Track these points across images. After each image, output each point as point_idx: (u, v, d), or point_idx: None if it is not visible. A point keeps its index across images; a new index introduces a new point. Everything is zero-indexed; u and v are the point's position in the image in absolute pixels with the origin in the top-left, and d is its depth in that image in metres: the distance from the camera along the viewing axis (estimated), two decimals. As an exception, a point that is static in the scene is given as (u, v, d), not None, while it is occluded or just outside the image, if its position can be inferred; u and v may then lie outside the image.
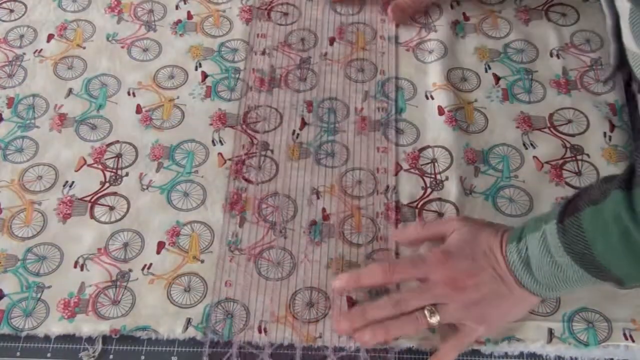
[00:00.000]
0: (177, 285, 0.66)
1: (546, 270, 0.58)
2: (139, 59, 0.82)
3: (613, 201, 0.54)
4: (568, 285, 0.59)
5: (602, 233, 0.55)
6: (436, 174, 0.73)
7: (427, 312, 0.60)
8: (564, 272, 0.58)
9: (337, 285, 0.64)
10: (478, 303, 0.60)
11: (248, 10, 0.86)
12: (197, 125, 0.77)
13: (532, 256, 0.59)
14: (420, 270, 0.62)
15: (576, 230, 0.56)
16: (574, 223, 0.56)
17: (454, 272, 0.61)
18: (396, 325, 0.61)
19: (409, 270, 0.63)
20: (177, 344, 0.63)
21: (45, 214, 0.70)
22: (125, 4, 0.87)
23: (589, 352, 0.62)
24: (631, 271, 0.56)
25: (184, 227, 0.69)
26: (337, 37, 0.84)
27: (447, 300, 0.61)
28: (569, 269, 0.57)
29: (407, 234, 0.68)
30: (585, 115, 0.76)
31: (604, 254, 0.55)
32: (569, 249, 0.56)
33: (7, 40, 0.84)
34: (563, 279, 0.58)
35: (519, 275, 0.60)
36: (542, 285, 0.59)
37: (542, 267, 0.58)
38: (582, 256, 0.56)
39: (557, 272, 0.58)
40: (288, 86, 0.80)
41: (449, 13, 0.85)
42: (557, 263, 0.57)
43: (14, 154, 0.75)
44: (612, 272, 0.56)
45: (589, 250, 0.55)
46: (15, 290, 0.66)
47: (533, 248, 0.59)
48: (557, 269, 0.58)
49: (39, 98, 0.79)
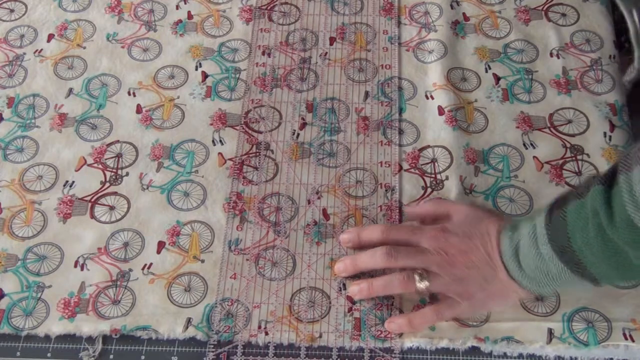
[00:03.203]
0: (177, 285, 0.66)
1: (531, 261, 0.59)
2: (139, 59, 0.82)
3: (593, 196, 0.54)
4: (550, 281, 0.59)
5: (581, 227, 0.55)
6: (436, 173, 0.73)
7: (418, 276, 0.62)
8: (546, 265, 0.58)
9: (344, 237, 0.67)
10: (465, 280, 0.62)
11: (248, 10, 0.86)
12: (197, 125, 0.77)
13: (522, 246, 0.60)
14: (416, 236, 0.64)
15: (561, 222, 0.57)
16: (560, 215, 0.57)
17: (447, 245, 0.62)
18: (382, 282, 0.63)
19: (406, 234, 0.65)
20: (177, 344, 0.63)
21: (45, 213, 0.70)
22: (125, 4, 0.87)
23: (589, 352, 0.62)
24: (606, 269, 0.56)
25: (184, 226, 0.69)
26: (338, 37, 0.84)
27: (436, 269, 0.62)
28: (551, 262, 0.58)
29: (419, 209, 0.70)
30: (585, 115, 0.76)
31: (582, 248, 0.56)
32: (552, 241, 0.57)
33: (7, 40, 0.84)
34: (545, 273, 0.59)
35: (508, 264, 0.60)
36: (527, 278, 0.60)
37: (528, 258, 0.59)
38: (562, 249, 0.57)
39: (540, 264, 0.58)
40: (288, 86, 0.80)
41: (449, 13, 0.85)
42: (541, 255, 0.58)
43: (14, 153, 0.75)
44: (588, 269, 0.57)
45: (569, 243, 0.56)
46: (15, 289, 0.66)
47: (524, 238, 0.59)
48: (541, 261, 0.58)
49: (39, 98, 0.79)
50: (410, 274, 0.62)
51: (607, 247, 0.54)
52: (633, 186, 0.51)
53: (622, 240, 0.53)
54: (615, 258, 0.55)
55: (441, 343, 0.62)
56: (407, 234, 0.65)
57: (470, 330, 0.63)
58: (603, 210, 0.53)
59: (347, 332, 0.63)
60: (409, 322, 0.63)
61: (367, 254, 0.64)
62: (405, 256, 0.63)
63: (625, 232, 0.52)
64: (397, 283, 0.63)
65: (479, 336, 0.62)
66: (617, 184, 0.52)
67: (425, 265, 0.62)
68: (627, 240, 0.52)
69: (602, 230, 0.54)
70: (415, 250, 0.63)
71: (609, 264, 0.55)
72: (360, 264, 0.65)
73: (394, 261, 0.63)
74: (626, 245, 0.53)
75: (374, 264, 0.64)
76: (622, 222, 0.52)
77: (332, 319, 0.64)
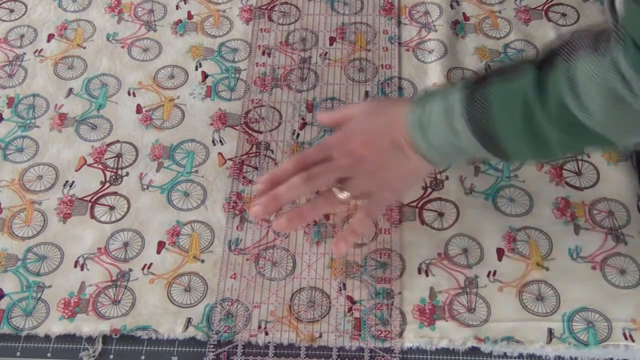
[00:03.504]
0: (177, 285, 0.66)
1: (441, 134, 0.60)
2: (139, 59, 0.82)
3: (524, 78, 0.55)
4: (460, 153, 0.62)
5: (506, 108, 0.56)
6: (436, 173, 0.73)
7: (336, 190, 0.63)
8: (459, 140, 0.59)
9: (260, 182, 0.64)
10: (377, 171, 0.64)
11: (248, 10, 0.86)
12: (197, 125, 0.77)
13: (431, 119, 0.61)
14: (324, 152, 0.65)
15: (482, 101, 0.58)
16: (481, 94, 0.58)
17: (350, 144, 0.64)
18: (309, 206, 0.64)
19: (315, 154, 0.65)
20: (177, 344, 0.63)
21: (45, 213, 0.70)
22: (125, 4, 0.87)
23: (589, 351, 0.62)
24: (524, 149, 0.58)
25: (184, 226, 0.69)
26: (338, 37, 0.84)
27: (350, 172, 0.64)
28: (464, 136, 0.59)
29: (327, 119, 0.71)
30: (585, 115, 0.76)
31: (503, 128, 0.57)
32: (470, 117, 0.58)
33: (7, 40, 0.84)
34: (457, 147, 0.60)
35: (415, 138, 0.62)
36: (434, 149, 0.62)
37: (437, 131, 0.60)
38: (480, 127, 0.58)
39: (453, 139, 0.60)
40: (288, 86, 0.80)
41: (449, 13, 0.85)
42: (455, 129, 0.59)
43: (14, 153, 0.75)
44: (505, 146, 0.58)
45: (489, 122, 0.57)
46: (15, 289, 0.66)
47: (435, 111, 0.60)
48: (454, 136, 0.59)
49: (39, 98, 0.79)
50: (330, 189, 0.64)
51: (530, 130, 0.55)
52: (576, 74, 0.52)
53: (552, 125, 0.54)
54: (537, 140, 0.56)
55: (441, 343, 0.62)
56: (316, 153, 0.65)
57: (470, 330, 0.63)
58: (534, 93, 0.54)
59: (347, 332, 0.63)
60: (353, 234, 0.65)
61: (285, 185, 0.62)
62: (321, 173, 0.63)
63: (558, 118, 0.54)
64: (321, 201, 0.64)
65: (479, 336, 0.62)
66: (555, 68, 0.53)
67: (339, 174, 0.64)
68: (557, 126, 0.54)
69: (530, 112, 0.55)
70: (327, 164, 0.64)
71: (528, 145, 0.57)
72: (282, 198, 0.62)
73: (314, 181, 0.63)
74: (554, 130, 0.54)
75: (296, 193, 0.63)
76: (556, 106, 0.53)
77: (332, 319, 0.64)
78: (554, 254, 0.67)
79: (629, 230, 0.68)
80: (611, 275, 0.66)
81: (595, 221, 0.69)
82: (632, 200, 0.70)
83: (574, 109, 0.53)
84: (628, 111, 0.51)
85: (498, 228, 0.69)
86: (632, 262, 0.66)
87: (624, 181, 0.72)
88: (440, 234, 0.69)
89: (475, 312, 0.64)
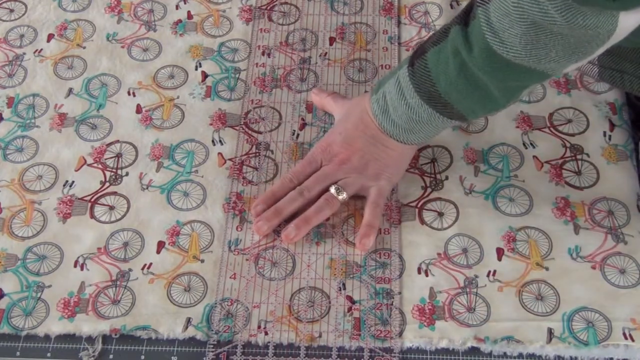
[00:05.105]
0: (177, 284, 0.66)
1: (401, 113, 0.65)
2: (139, 59, 0.82)
3: (452, 37, 0.59)
4: (423, 127, 0.65)
5: (443, 70, 0.60)
6: (436, 173, 0.73)
7: (335, 191, 0.68)
8: (416, 113, 0.64)
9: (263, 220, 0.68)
10: (365, 166, 0.68)
11: (248, 10, 0.86)
12: (197, 125, 0.77)
13: (390, 102, 0.66)
14: (313, 165, 0.70)
15: (423, 70, 0.62)
16: (421, 64, 0.62)
17: (333, 151, 0.69)
18: (313, 210, 0.67)
19: (306, 170, 0.70)
20: (177, 344, 0.63)
21: (45, 213, 0.70)
22: (125, 4, 0.87)
23: (588, 351, 0.62)
24: (471, 104, 0.62)
25: (184, 226, 0.69)
26: (338, 37, 0.84)
27: (342, 175, 0.68)
28: (420, 109, 0.64)
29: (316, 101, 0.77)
30: (585, 115, 0.76)
31: (447, 89, 0.61)
32: (418, 89, 0.63)
33: (7, 40, 0.84)
34: (417, 120, 0.65)
35: (381, 123, 0.66)
36: (403, 129, 0.66)
37: (399, 111, 0.65)
38: (429, 95, 0.63)
39: (411, 113, 0.64)
40: (288, 86, 0.80)
41: (449, 13, 0.85)
42: (410, 104, 0.63)
43: (14, 153, 0.75)
44: (455, 107, 0.62)
45: (435, 88, 0.61)
46: (15, 289, 0.66)
47: (390, 94, 0.65)
48: (411, 111, 0.63)
49: (39, 98, 0.79)
50: (329, 194, 0.68)
51: (469, 83, 0.59)
52: (490, 14, 0.55)
53: (483, 71, 0.58)
54: (478, 92, 0.60)
55: (441, 343, 0.62)
56: (306, 167, 0.70)
57: (470, 330, 0.63)
58: (462, 46, 0.58)
59: (347, 332, 0.63)
60: (371, 227, 0.67)
61: (284, 200, 0.68)
62: (314, 183, 0.68)
63: (486, 61, 0.57)
64: (324, 205, 0.67)
65: (479, 336, 0.62)
66: (475, 17, 0.57)
67: (331, 178, 0.68)
68: (488, 69, 0.57)
69: (464, 65, 0.59)
70: (317, 174, 0.69)
71: (473, 98, 0.61)
72: (283, 211, 0.68)
73: (308, 193, 0.68)
74: (486, 75, 0.58)
75: (296, 205, 0.68)
76: (481, 51, 0.57)
77: (331, 319, 0.64)
78: (553, 253, 0.67)
79: (629, 229, 0.68)
80: (611, 274, 0.66)
81: (595, 221, 0.69)
82: (632, 200, 0.70)
83: (497, 48, 0.56)
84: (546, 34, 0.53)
85: (498, 228, 0.69)
86: (632, 262, 0.66)
87: (624, 181, 0.72)
88: (440, 233, 0.69)
89: (475, 312, 0.64)
